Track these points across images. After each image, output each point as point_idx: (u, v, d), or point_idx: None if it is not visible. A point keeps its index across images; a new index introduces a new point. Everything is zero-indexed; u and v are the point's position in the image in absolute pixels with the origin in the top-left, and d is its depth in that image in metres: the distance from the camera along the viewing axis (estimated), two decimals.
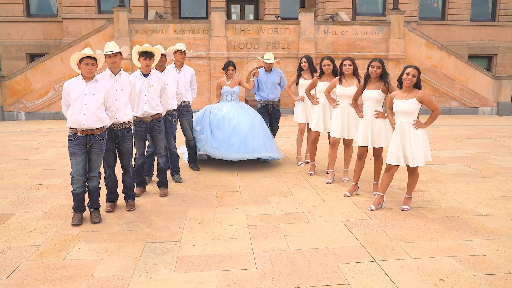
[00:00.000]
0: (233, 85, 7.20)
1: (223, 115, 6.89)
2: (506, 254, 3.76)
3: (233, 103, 7.19)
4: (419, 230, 4.33)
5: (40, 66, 14.49)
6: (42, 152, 8.57)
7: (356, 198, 5.43)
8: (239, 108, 7.11)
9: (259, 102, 7.62)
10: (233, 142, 6.70)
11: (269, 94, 7.52)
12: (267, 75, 7.53)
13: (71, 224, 4.46)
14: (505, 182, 6.20)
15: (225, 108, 7.01)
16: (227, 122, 6.82)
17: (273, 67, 7.63)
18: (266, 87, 7.49)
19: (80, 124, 4.31)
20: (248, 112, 7.12)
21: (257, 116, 7.23)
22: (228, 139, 6.73)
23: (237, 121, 6.81)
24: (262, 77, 7.55)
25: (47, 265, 3.58)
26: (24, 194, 5.65)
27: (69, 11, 18.42)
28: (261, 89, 7.58)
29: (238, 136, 6.71)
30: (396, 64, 15.54)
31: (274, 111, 7.68)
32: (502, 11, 20.69)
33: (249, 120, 6.88)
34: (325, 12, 19.47)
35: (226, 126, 6.80)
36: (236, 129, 6.75)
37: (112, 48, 4.69)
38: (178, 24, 15.08)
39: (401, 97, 4.79)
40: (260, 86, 7.56)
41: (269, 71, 7.55)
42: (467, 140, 9.98)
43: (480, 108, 15.94)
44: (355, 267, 3.53)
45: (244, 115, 6.96)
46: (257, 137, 6.82)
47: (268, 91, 7.51)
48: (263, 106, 7.58)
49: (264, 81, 7.50)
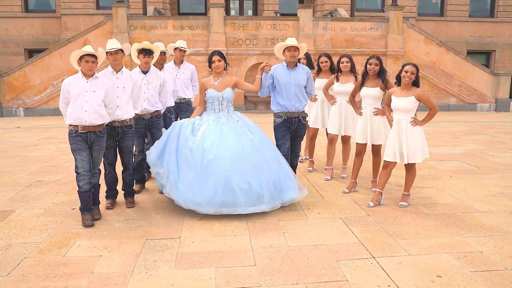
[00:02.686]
0: (222, 87, 4.92)
1: (197, 141, 4.64)
2: (503, 251, 3.80)
3: (221, 117, 4.88)
4: (417, 227, 4.36)
5: (39, 62, 14.46)
6: (41, 149, 8.58)
7: (355, 194, 5.46)
8: (228, 125, 4.81)
9: (278, 114, 5.19)
10: (207, 186, 4.48)
11: (292, 102, 5.12)
12: (289, 72, 5.14)
13: (84, 226, 4.39)
14: (502, 179, 6.23)
15: (204, 128, 4.77)
16: (200, 153, 4.56)
17: (298, 61, 5.32)
18: (287, 90, 5.11)
19: (81, 121, 4.32)
20: (241, 133, 4.80)
21: (260, 137, 4.87)
22: (201, 181, 4.52)
23: (215, 152, 4.54)
24: (282, 76, 5.11)
25: (47, 262, 3.60)
26: (24, 191, 5.67)
27: (68, 7, 18.37)
28: (278, 94, 5.16)
29: (214, 178, 4.48)
30: (395, 60, 15.54)
31: (300, 126, 5.25)
32: (500, 7, 20.69)
33: (236, 149, 4.59)
34: (324, 8, 19.45)
35: (198, 160, 4.55)
36: (211, 167, 4.50)
37: (113, 45, 4.70)
38: (177, 20, 15.04)
39: (400, 94, 4.81)
40: (278, 90, 5.15)
41: (292, 67, 5.17)
42: (465, 137, 10.01)
43: (479, 105, 15.97)
44: (353, 264, 3.56)
45: (231, 139, 4.67)
46: (250, 176, 4.55)
47: (290, 96, 5.11)
48: (285, 121, 5.14)
49: (285, 82, 5.10)
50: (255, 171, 4.61)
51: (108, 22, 14.70)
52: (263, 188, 4.60)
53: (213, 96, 4.91)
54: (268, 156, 4.82)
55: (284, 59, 5.22)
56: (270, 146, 4.96)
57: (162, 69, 5.94)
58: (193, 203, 4.49)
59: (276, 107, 5.21)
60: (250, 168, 4.59)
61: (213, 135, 4.67)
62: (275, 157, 4.90)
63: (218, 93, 4.90)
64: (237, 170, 4.52)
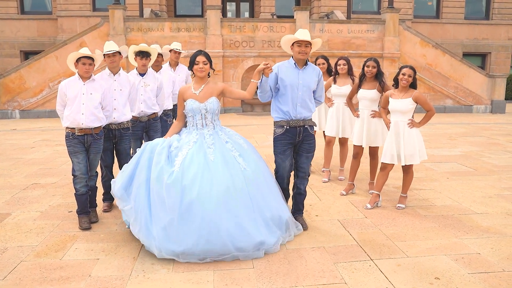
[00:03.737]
0: (205, 96, 3.97)
1: (174, 174, 3.63)
2: (500, 252, 3.81)
3: (205, 136, 3.91)
4: (415, 229, 4.36)
5: (35, 64, 14.40)
6: (38, 151, 8.54)
7: (352, 196, 5.46)
8: (214, 149, 3.84)
9: (279, 123, 4.21)
10: (188, 233, 3.56)
11: (298, 108, 4.16)
12: (297, 71, 4.18)
13: (80, 229, 4.37)
14: (499, 180, 6.26)
15: (184, 153, 3.77)
16: (178, 191, 3.59)
17: (308, 59, 4.31)
18: (294, 94, 4.14)
19: (78, 123, 4.31)
20: (230, 161, 3.83)
21: (254, 164, 3.94)
22: (179, 226, 3.58)
23: (198, 189, 3.59)
24: (289, 75, 4.16)
25: (44, 266, 3.58)
26: (20, 193, 5.64)
27: (64, 9, 18.33)
28: (282, 98, 4.19)
29: (197, 222, 3.56)
30: (391, 62, 15.59)
31: (307, 137, 4.25)
32: (495, 10, 20.82)
33: (224, 184, 3.66)
34: (321, 10, 19.50)
35: (176, 199, 3.58)
36: (193, 209, 3.56)
37: (111, 47, 4.70)
38: (174, 22, 15.03)
39: (397, 96, 4.83)
40: (282, 92, 4.17)
41: (301, 66, 4.20)
42: (462, 138, 10.05)
43: (475, 106, 16.03)
44: (351, 266, 3.56)
45: (219, 171, 3.71)
46: (241, 219, 3.66)
47: (296, 101, 4.16)
48: (287, 131, 4.18)
49: (292, 83, 4.14)
50: (249, 211, 3.73)
51: (105, 24, 14.68)
52: (261, 231, 3.74)
53: (194, 108, 3.93)
54: (265, 189, 3.94)
55: (292, 54, 4.26)
56: (266, 175, 4.05)
57: (159, 71, 5.93)
58: (169, 252, 3.58)
59: (277, 114, 4.23)
60: (242, 210, 3.69)
61: (196, 165, 3.69)
62: (273, 189, 4.06)
63: (201, 104, 3.94)
64: (226, 211, 3.62)
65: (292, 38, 4.17)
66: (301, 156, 4.30)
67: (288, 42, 4.24)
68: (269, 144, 9.04)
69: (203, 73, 3.96)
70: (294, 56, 4.20)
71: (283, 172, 4.28)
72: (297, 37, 4.11)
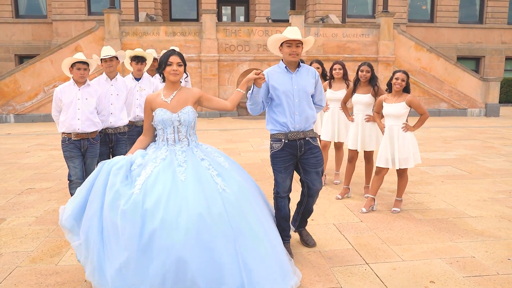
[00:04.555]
0: (178, 105, 3.28)
1: (133, 198, 2.90)
2: (494, 256, 3.83)
3: (177, 153, 3.19)
4: (410, 233, 4.38)
5: (30, 68, 14.38)
6: (32, 156, 8.51)
7: (348, 200, 5.48)
8: (186, 167, 3.10)
9: (276, 137, 3.67)
10: (150, 274, 2.78)
11: (296, 118, 3.62)
12: (290, 76, 3.65)
13: None
14: (493, 184, 6.29)
15: (148, 172, 3.04)
16: (137, 219, 2.83)
17: (301, 61, 3.80)
18: (289, 101, 3.61)
19: (74, 128, 4.31)
20: (206, 180, 3.07)
21: (237, 185, 3.14)
22: (139, 265, 2.80)
23: (162, 215, 2.82)
24: (281, 81, 3.63)
25: (39, 271, 3.57)
26: (15, 198, 5.62)
27: (59, 13, 18.32)
28: (277, 108, 3.66)
29: (160, 260, 2.77)
30: (386, 66, 15.68)
31: (310, 150, 3.70)
32: (489, 14, 21.00)
33: (196, 209, 2.87)
34: (316, 14, 19.59)
35: (135, 230, 2.82)
36: (156, 241, 2.79)
37: (108, 52, 4.72)
38: (169, 26, 15.06)
39: (391, 101, 4.86)
40: (276, 102, 3.64)
41: (294, 69, 3.67)
42: (456, 142, 10.10)
43: (469, 110, 16.13)
44: (347, 270, 3.57)
45: (190, 192, 2.95)
46: (218, 254, 2.83)
47: (294, 110, 3.62)
48: (286, 145, 3.63)
49: (286, 89, 3.61)
50: (228, 246, 2.86)
51: (100, 28, 14.68)
52: (244, 274, 2.84)
53: (165, 119, 3.21)
54: (251, 217, 3.06)
55: (281, 57, 3.70)
56: (254, 197, 3.26)
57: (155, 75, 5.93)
58: None
59: (273, 127, 3.67)
60: (220, 242, 2.84)
61: (161, 185, 2.94)
62: (262, 216, 3.21)
63: (173, 115, 3.22)
64: (199, 246, 2.79)
65: (281, 38, 3.59)
66: (310, 173, 3.71)
67: (276, 43, 3.67)
68: (265, 148, 9.08)
69: (177, 77, 3.24)
70: (284, 59, 3.65)
71: (282, 192, 3.71)
72: (286, 36, 3.54)
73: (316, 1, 19.61)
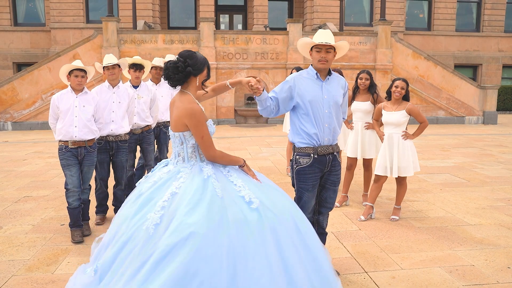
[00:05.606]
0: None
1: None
2: (494, 264, 3.81)
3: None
4: (409, 241, 4.36)
5: (28, 76, 14.36)
6: (30, 163, 8.48)
7: (346, 208, 5.46)
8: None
9: (304, 151, 3.30)
10: None
11: (326, 130, 3.29)
12: (320, 84, 3.31)
13: (73, 242, 4.32)
14: (492, 191, 6.29)
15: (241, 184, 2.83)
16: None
17: (330, 68, 3.40)
18: (318, 112, 3.26)
19: (71, 136, 4.29)
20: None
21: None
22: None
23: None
24: (309, 89, 3.27)
25: (35, 280, 3.53)
26: (12, 206, 5.58)
27: (57, 21, 18.36)
28: (303, 118, 3.30)
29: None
30: (384, 74, 15.72)
31: (334, 167, 3.41)
32: (486, 22, 21.13)
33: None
34: (313, 22, 19.68)
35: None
36: None
37: (110, 60, 4.72)
38: (167, 34, 15.09)
39: (390, 109, 4.86)
40: (304, 111, 3.28)
41: (324, 77, 3.33)
42: (454, 150, 10.11)
43: (467, 117, 16.17)
44: (346, 279, 3.54)
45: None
46: None
47: (323, 121, 3.28)
48: (316, 161, 3.29)
49: (314, 98, 3.26)
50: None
51: (98, 36, 14.70)
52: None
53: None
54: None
55: (311, 61, 3.36)
56: None
57: (159, 83, 5.89)
58: None
59: (301, 139, 3.30)
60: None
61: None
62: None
63: None
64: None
65: (309, 43, 3.30)
66: (328, 190, 3.46)
67: (306, 47, 3.38)
68: (263, 156, 9.07)
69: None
70: (314, 65, 3.31)
71: (307, 212, 3.32)
72: (313, 41, 3.21)
73: (314, 10, 19.72)
